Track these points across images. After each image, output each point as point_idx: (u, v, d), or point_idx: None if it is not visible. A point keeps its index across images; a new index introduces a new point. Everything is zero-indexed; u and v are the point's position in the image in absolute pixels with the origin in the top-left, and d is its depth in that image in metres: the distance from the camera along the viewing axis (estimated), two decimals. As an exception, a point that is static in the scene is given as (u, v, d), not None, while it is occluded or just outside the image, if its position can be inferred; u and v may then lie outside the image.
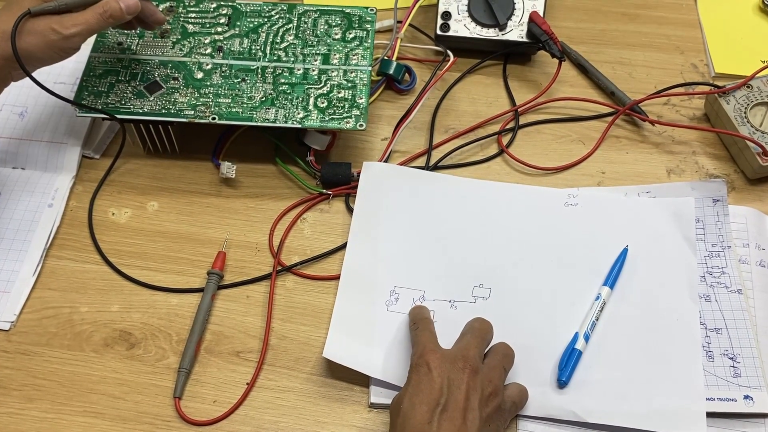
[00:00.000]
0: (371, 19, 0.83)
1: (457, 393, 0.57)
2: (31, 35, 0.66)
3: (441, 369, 0.58)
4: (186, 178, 0.79)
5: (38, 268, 0.73)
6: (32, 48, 0.66)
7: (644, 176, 0.79)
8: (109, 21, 0.68)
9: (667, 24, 0.93)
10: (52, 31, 0.66)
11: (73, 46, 0.68)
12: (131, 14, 0.69)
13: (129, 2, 0.68)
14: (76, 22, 0.67)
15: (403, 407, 0.57)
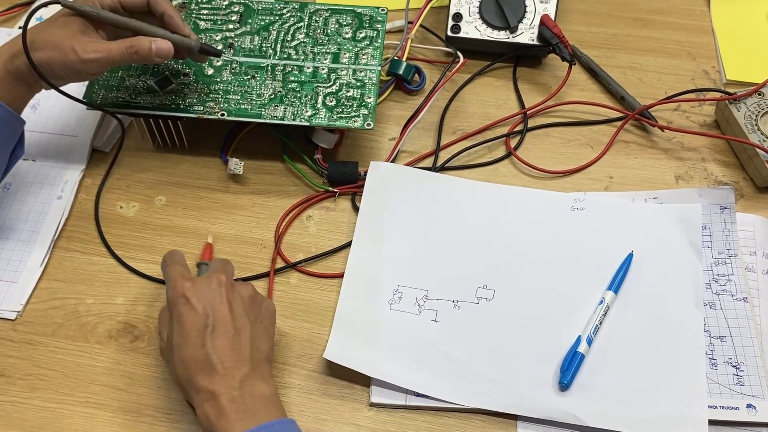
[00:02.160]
0: (382, 19, 0.83)
1: (221, 309, 0.60)
2: (54, 50, 0.66)
3: (198, 296, 0.60)
4: (194, 173, 0.80)
5: (46, 259, 0.74)
6: (51, 63, 0.67)
7: (652, 182, 0.79)
8: (134, 57, 0.67)
9: (679, 30, 0.92)
10: (72, 51, 0.66)
11: (89, 72, 0.68)
12: (160, 59, 0.68)
13: (161, 46, 0.67)
14: (98, 48, 0.67)
15: (174, 344, 0.59)
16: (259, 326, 0.62)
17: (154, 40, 0.67)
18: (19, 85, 0.69)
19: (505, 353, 0.67)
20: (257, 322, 0.62)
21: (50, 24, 0.69)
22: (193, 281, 0.61)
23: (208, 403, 0.56)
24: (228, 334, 0.59)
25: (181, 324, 0.59)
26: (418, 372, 0.66)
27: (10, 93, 0.68)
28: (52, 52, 0.66)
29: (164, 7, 0.70)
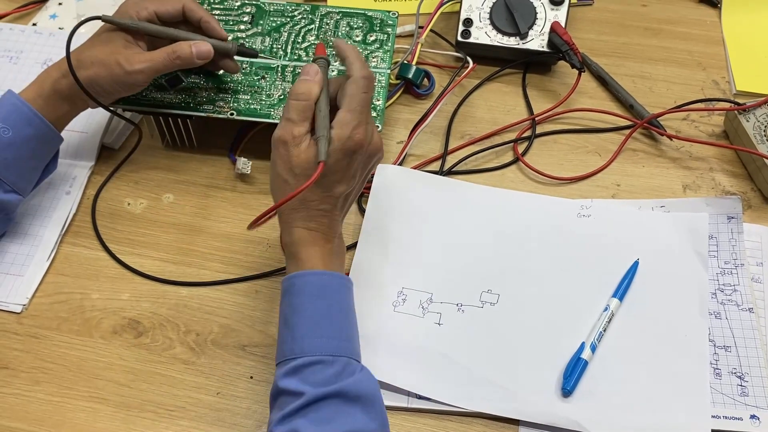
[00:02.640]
0: (393, 23, 0.83)
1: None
2: (101, 67, 0.68)
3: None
4: (202, 172, 0.80)
5: (52, 253, 0.74)
6: (99, 79, 0.68)
7: (660, 190, 0.79)
8: (176, 63, 0.69)
9: (690, 40, 0.92)
10: (117, 65, 0.68)
11: (136, 83, 0.70)
12: (201, 60, 0.70)
13: (201, 48, 0.69)
14: (142, 59, 0.68)
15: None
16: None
17: (194, 44, 0.69)
18: (64, 103, 0.70)
19: (508, 358, 0.67)
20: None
21: (93, 42, 0.70)
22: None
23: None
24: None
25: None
26: (421, 374, 0.66)
27: (55, 111, 0.70)
28: (98, 69, 0.68)
29: (200, 13, 0.71)
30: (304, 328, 0.58)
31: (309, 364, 0.56)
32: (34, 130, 0.69)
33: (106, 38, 0.70)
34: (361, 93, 0.61)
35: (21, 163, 0.69)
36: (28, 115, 0.68)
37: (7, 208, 0.71)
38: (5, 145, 0.67)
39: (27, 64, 0.86)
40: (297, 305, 0.59)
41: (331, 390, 0.55)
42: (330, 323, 0.59)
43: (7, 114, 0.68)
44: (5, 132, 0.67)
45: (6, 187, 0.69)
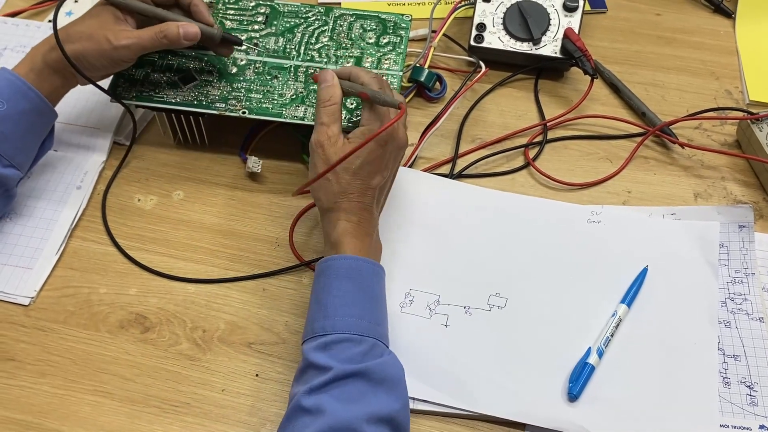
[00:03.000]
0: (406, 26, 0.83)
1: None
2: (88, 41, 0.69)
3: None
4: (213, 170, 0.80)
5: (62, 247, 0.74)
6: (86, 53, 0.69)
7: (671, 198, 0.79)
8: (163, 42, 0.70)
9: (703, 49, 0.92)
10: (105, 41, 0.69)
11: (122, 58, 0.70)
12: (188, 41, 0.70)
13: (189, 30, 0.70)
14: (129, 35, 0.69)
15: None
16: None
17: (182, 25, 0.70)
18: (56, 77, 0.71)
19: (514, 361, 0.67)
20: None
21: (83, 17, 0.71)
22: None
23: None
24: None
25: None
26: (427, 375, 0.66)
27: (48, 84, 0.70)
28: (86, 43, 0.69)
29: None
30: (335, 307, 0.61)
31: (338, 341, 0.59)
32: (29, 103, 0.69)
33: (96, 12, 0.70)
34: (378, 86, 0.66)
35: (17, 138, 0.69)
36: (23, 88, 0.69)
37: (7, 183, 0.71)
38: (1, 119, 0.68)
39: (42, 60, 0.87)
40: (330, 285, 0.62)
41: (357, 368, 0.57)
42: (360, 305, 0.61)
43: (2, 89, 0.68)
44: (0, 106, 0.67)
45: (4, 162, 0.69)
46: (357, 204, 0.64)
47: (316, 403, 0.56)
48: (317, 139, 0.65)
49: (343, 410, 0.55)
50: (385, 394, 0.58)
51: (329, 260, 0.63)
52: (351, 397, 0.57)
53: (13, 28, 0.90)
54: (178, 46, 0.71)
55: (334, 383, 0.57)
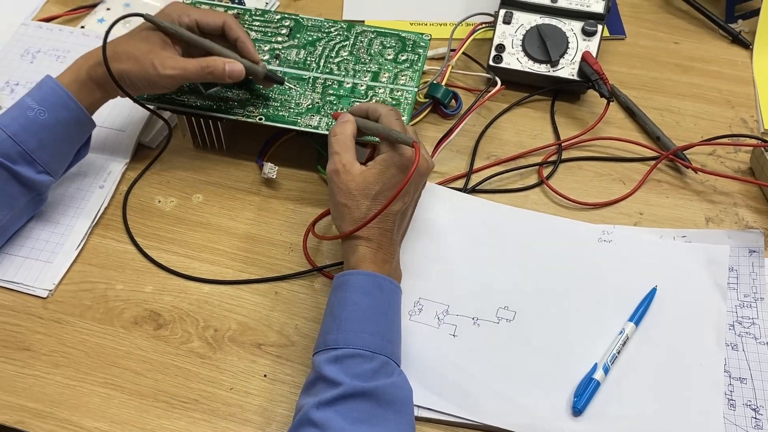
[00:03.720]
0: (425, 44, 0.85)
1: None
2: (135, 63, 0.71)
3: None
4: (231, 175, 0.82)
5: (82, 243, 0.76)
6: (130, 73, 0.71)
7: (682, 221, 0.79)
8: (208, 76, 0.72)
9: (720, 78, 0.93)
10: (151, 65, 0.71)
11: (165, 86, 0.73)
12: (231, 79, 0.72)
13: (234, 68, 0.72)
14: (175, 64, 0.71)
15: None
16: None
17: (228, 62, 0.72)
18: (98, 90, 0.73)
19: (521, 373, 0.68)
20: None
21: (131, 37, 0.73)
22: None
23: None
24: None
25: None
26: (433, 384, 0.67)
27: (89, 97, 0.73)
28: (132, 65, 0.71)
29: (238, 33, 0.74)
30: (350, 322, 0.61)
31: (350, 355, 0.59)
32: (69, 113, 0.71)
33: (145, 36, 0.72)
34: (395, 120, 0.67)
35: (55, 145, 0.72)
36: (65, 99, 0.71)
37: (39, 188, 0.73)
38: (41, 126, 0.70)
39: (73, 64, 0.90)
40: (346, 299, 0.62)
41: (366, 387, 0.58)
42: (375, 321, 0.62)
43: (45, 97, 0.70)
44: (41, 114, 0.70)
45: (39, 168, 0.71)
46: (377, 230, 0.66)
47: (324, 419, 0.56)
48: (332, 167, 0.67)
49: (350, 430, 0.56)
50: (393, 417, 0.58)
51: (347, 275, 0.64)
52: (359, 418, 0.57)
53: (47, 32, 0.93)
54: (221, 81, 0.73)
55: (342, 400, 0.57)
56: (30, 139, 0.70)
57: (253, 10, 0.87)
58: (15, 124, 0.69)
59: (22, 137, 0.69)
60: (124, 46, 0.72)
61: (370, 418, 0.58)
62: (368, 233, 0.65)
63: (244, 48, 0.74)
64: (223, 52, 0.73)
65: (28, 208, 0.74)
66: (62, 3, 0.99)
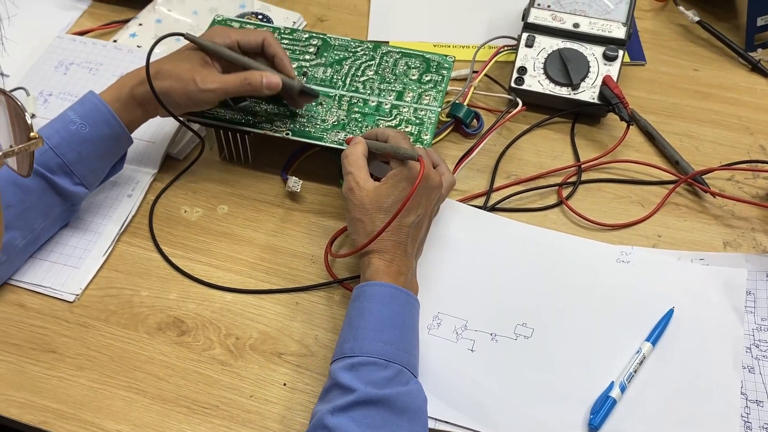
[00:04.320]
0: (449, 66, 0.87)
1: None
2: (177, 81, 0.73)
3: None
4: (256, 187, 0.84)
5: (109, 250, 0.78)
6: (171, 91, 0.74)
7: (700, 245, 0.80)
8: (246, 89, 0.74)
9: (739, 105, 0.94)
10: (192, 82, 0.73)
11: (206, 101, 0.75)
12: (269, 91, 0.74)
13: (271, 80, 0.74)
14: (215, 80, 0.73)
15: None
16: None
17: (265, 74, 0.74)
18: (139, 109, 0.76)
19: (538, 389, 0.68)
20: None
21: (173, 57, 0.76)
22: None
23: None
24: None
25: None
26: (450, 398, 0.67)
27: (130, 114, 0.75)
28: (174, 83, 0.73)
29: (276, 50, 0.77)
30: (366, 331, 0.63)
31: (365, 363, 0.61)
32: (109, 130, 0.73)
33: (187, 56, 0.75)
34: (402, 139, 0.71)
35: (93, 159, 0.74)
36: (106, 115, 0.73)
37: (73, 199, 0.75)
38: (81, 140, 0.72)
39: (105, 76, 0.92)
40: (363, 309, 0.64)
41: (380, 394, 0.59)
42: (390, 331, 0.63)
43: (88, 112, 0.73)
44: (83, 128, 0.72)
45: (75, 179, 0.73)
46: (390, 242, 0.67)
47: (338, 425, 0.58)
48: (347, 186, 0.70)
49: None
50: (406, 425, 0.60)
51: (365, 286, 0.66)
52: (372, 424, 0.58)
53: (81, 45, 0.96)
54: (260, 94, 0.75)
55: (356, 406, 0.59)
56: (70, 152, 0.72)
57: (282, 29, 0.89)
58: (57, 136, 0.72)
59: (63, 149, 0.71)
60: (167, 66, 0.74)
61: (383, 425, 0.59)
62: (381, 246, 0.67)
63: (280, 64, 0.76)
64: (260, 67, 0.76)
65: (62, 217, 0.76)
66: (96, 18, 1.02)
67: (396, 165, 0.70)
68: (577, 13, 0.92)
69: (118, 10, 1.03)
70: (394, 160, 0.70)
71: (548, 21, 0.92)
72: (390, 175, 0.70)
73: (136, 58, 0.94)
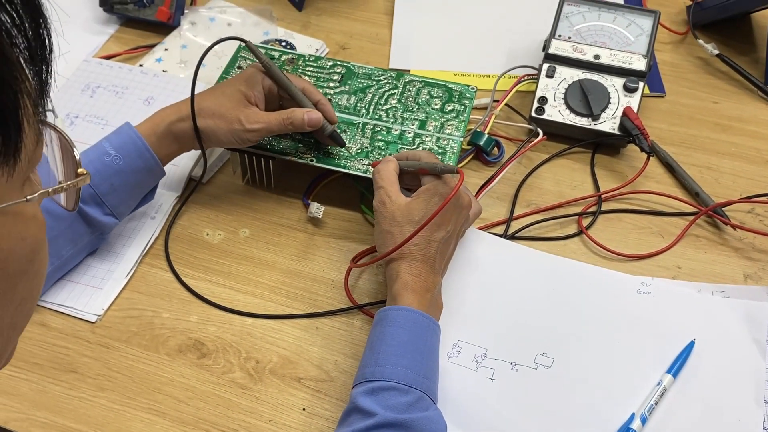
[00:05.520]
0: (471, 96, 0.88)
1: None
2: (221, 119, 0.75)
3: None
4: (277, 212, 0.85)
5: (131, 271, 0.79)
6: (217, 129, 0.75)
7: (720, 277, 0.80)
8: (289, 128, 0.76)
9: (759, 138, 0.94)
10: (237, 121, 0.75)
11: (251, 139, 0.77)
12: (311, 128, 0.77)
13: (313, 116, 0.76)
14: (259, 119, 0.75)
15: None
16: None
17: (307, 111, 0.76)
18: (175, 144, 0.77)
19: (558, 420, 0.68)
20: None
21: (215, 94, 0.77)
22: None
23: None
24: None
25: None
26: (469, 427, 0.67)
27: (165, 149, 0.77)
28: (219, 121, 0.75)
29: (318, 96, 0.79)
30: (387, 355, 0.63)
31: (385, 388, 0.61)
32: (143, 162, 0.74)
33: (230, 94, 0.76)
34: (435, 159, 0.72)
35: (125, 191, 0.75)
36: (141, 149, 0.74)
37: (103, 229, 0.76)
38: (115, 172, 0.73)
39: (130, 100, 0.94)
40: (385, 334, 0.64)
41: (400, 419, 0.59)
42: (411, 356, 0.63)
43: (122, 144, 0.74)
44: (117, 160, 0.73)
45: (106, 210, 0.74)
46: (419, 255, 0.68)
47: None
48: (378, 200, 0.71)
49: None
50: None
51: (387, 310, 0.66)
52: None
53: (108, 69, 0.98)
54: (300, 130, 0.77)
55: (375, 430, 0.59)
56: (103, 183, 0.73)
57: (307, 56, 0.91)
58: (90, 167, 0.72)
59: (96, 180, 0.72)
60: (207, 103, 0.75)
61: None
62: (410, 259, 0.68)
63: (323, 109, 0.78)
64: (304, 101, 0.77)
65: (90, 244, 0.77)
66: (122, 42, 1.04)
67: (429, 179, 0.71)
68: (598, 44, 0.93)
69: (144, 35, 1.04)
70: (426, 177, 0.71)
71: (569, 52, 0.93)
72: (422, 190, 0.70)
73: (162, 82, 0.96)
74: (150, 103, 0.94)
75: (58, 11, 0.37)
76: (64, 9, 0.40)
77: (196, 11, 1.03)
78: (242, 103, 0.76)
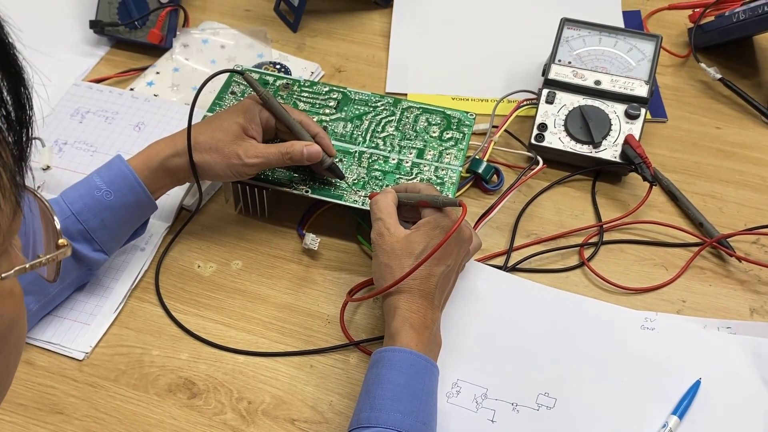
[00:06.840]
0: (470, 123, 0.86)
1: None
2: (217, 153, 0.73)
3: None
4: (271, 242, 0.82)
5: (120, 306, 0.76)
6: (214, 164, 0.73)
7: (726, 311, 0.78)
8: (287, 162, 0.74)
9: (762, 165, 0.92)
10: (235, 156, 0.73)
11: (249, 173, 0.75)
12: (310, 162, 0.75)
13: (312, 151, 0.74)
14: (257, 153, 0.73)
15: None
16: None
17: (306, 146, 0.74)
18: (168, 179, 0.75)
19: (560, 464, 0.66)
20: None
21: (211, 128, 0.75)
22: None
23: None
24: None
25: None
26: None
27: (157, 183, 0.74)
28: (216, 156, 0.73)
29: (316, 129, 0.77)
30: (383, 400, 0.61)
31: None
32: (134, 197, 0.72)
33: (227, 127, 0.74)
34: (435, 191, 0.70)
35: (115, 227, 0.72)
36: (133, 183, 0.72)
37: (92, 265, 0.74)
38: (105, 207, 0.71)
39: (120, 125, 0.92)
40: (381, 377, 0.62)
41: None
42: (409, 401, 0.61)
43: (113, 178, 0.71)
44: (107, 195, 0.71)
45: (95, 246, 0.71)
46: (418, 290, 0.66)
47: None
48: (376, 232, 0.69)
49: None
50: None
51: (384, 351, 0.64)
52: None
53: (98, 93, 0.95)
54: (299, 164, 0.75)
55: None
56: (92, 219, 0.70)
57: (302, 81, 0.89)
58: (80, 202, 0.70)
59: (85, 216, 0.70)
60: (203, 137, 0.73)
61: None
62: (409, 293, 0.66)
63: (322, 143, 0.76)
64: (303, 133, 0.76)
65: (77, 280, 0.75)
66: (113, 65, 1.02)
67: (430, 211, 0.69)
68: (599, 70, 0.91)
69: (135, 58, 1.02)
70: (427, 209, 0.69)
71: (569, 78, 0.91)
72: (423, 223, 0.68)
73: (153, 107, 0.94)
74: (141, 129, 0.91)
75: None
76: (52, 34, 0.37)
77: (188, 33, 1.01)
78: (239, 136, 0.74)
